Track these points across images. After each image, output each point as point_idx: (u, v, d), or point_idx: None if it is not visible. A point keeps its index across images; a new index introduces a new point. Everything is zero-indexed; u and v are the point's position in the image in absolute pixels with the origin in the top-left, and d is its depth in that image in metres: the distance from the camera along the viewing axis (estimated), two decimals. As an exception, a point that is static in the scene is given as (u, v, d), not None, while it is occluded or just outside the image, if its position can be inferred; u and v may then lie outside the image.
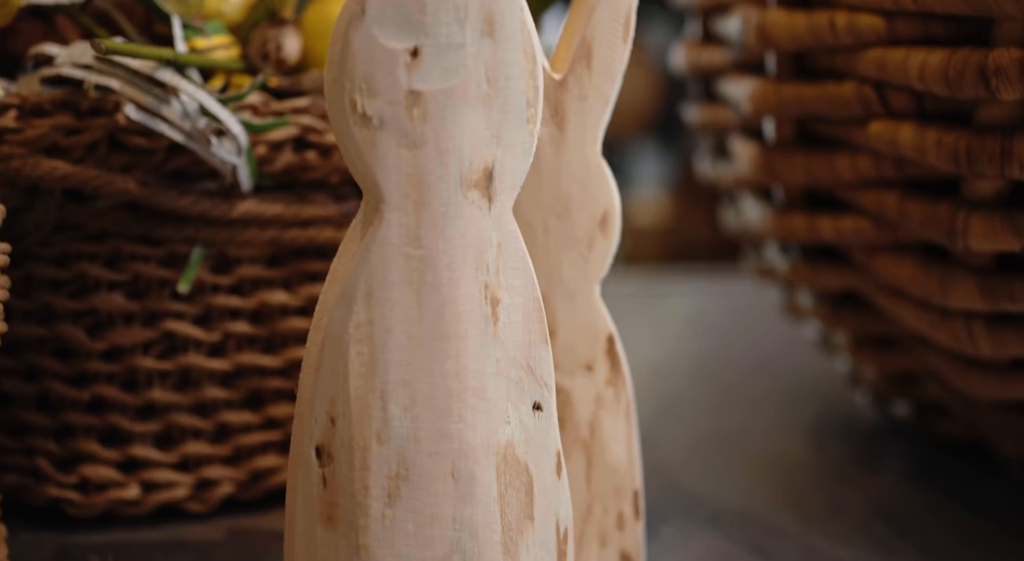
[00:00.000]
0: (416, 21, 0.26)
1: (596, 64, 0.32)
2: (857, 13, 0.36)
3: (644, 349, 0.67)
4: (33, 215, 0.34)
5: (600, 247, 0.33)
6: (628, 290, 0.86)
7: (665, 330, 0.73)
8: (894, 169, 0.37)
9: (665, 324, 0.75)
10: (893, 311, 0.40)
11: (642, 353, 0.66)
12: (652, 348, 0.67)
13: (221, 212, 0.35)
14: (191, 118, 0.33)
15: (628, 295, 0.82)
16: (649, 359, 0.64)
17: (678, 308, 0.79)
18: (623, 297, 0.81)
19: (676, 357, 0.65)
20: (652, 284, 0.91)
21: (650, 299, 0.82)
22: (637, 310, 0.78)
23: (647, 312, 0.78)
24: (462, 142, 0.27)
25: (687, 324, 0.75)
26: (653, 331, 0.72)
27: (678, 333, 0.72)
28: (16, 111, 0.34)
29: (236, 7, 0.40)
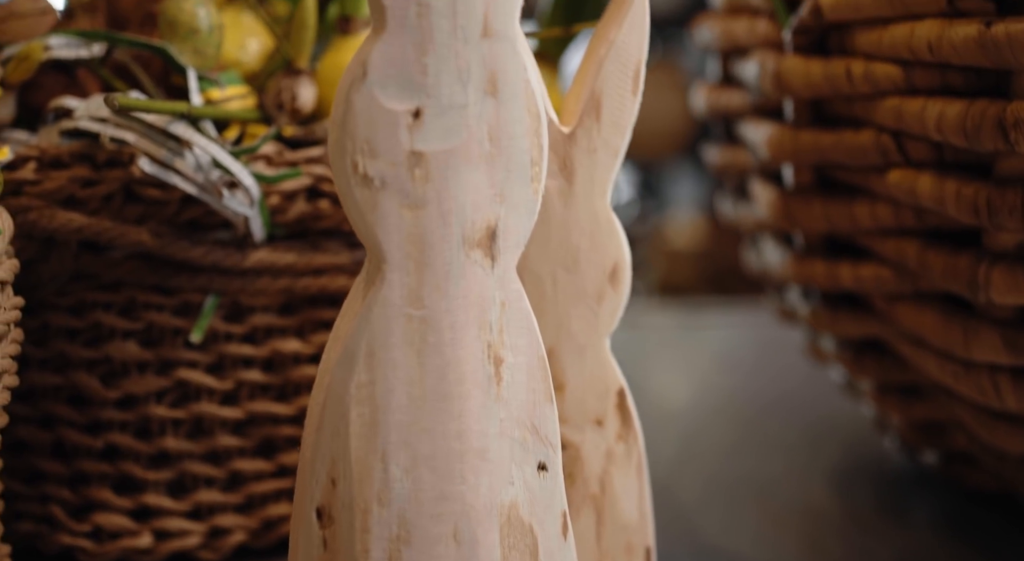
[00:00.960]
0: (418, 82, 0.26)
1: (605, 117, 0.32)
2: (874, 62, 0.35)
3: (668, 387, 0.66)
4: (49, 266, 0.34)
5: (610, 300, 0.33)
6: (657, 322, 0.85)
7: (690, 365, 0.72)
8: (914, 218, 0.36)
9: (691, 359, 0.74)
10: (916, 361, 0.39)
11: (665, 391, 0.65)
12: (676, 385, 0.66)
13: (234, 262, 0.35)
14: (204, 170, 0.33)
15: (656, 328, 0.82)
16: (672, 397, 0.63)
17: (705, 342, 0.78)
18: (652, 330, 0.81)
19: (699, 395, 0.65)
20: (682, 316, 0.90)
21: (679, 332, 0.81)
22: (665, 344, 0.77)
23: (675, 346, 0.77)
24: (464, 202, 0.27)
25: (713, 359, 0.74)
26: (678, 367, 0.71)
27: (703, 368, 0.71)
28: (35, 163, 0.34)
29: (254, 56, 0.40)
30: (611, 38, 0.31)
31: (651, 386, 0.66)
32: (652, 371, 0.70)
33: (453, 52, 0.26)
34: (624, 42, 0.31)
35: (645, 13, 0.32)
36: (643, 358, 0.72)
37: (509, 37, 0.27)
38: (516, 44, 0.27)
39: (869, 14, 0.35)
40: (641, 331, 0.80)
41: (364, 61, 0.26)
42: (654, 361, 0.73)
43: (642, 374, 0.68)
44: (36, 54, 0.35)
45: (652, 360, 0.73)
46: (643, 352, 0.74)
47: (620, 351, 0.72)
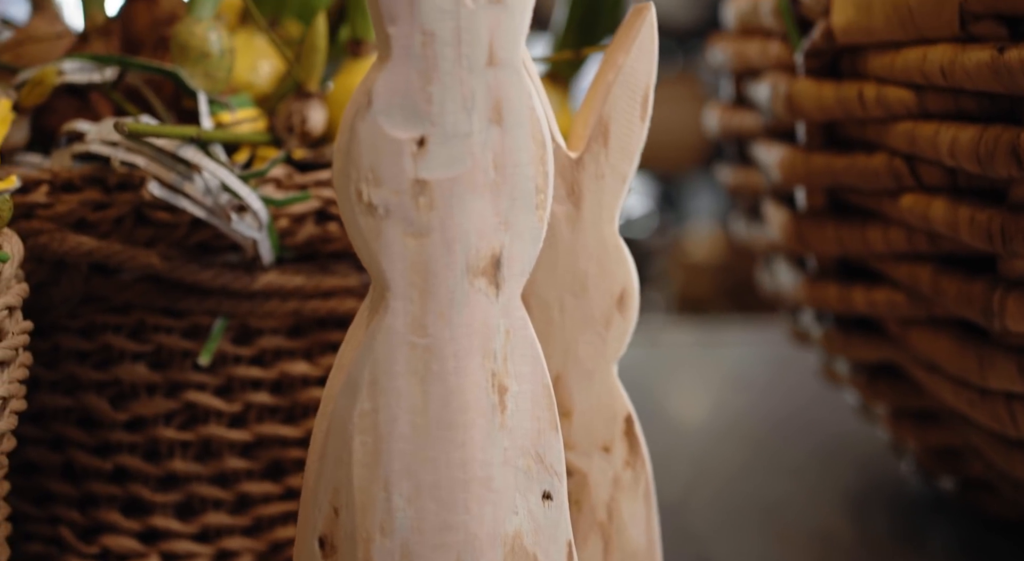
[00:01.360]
0: (422, 111, 0.26)
1: (613, 143, 0.31)
2: (886, 86, 0.35)
3: (682, 405, 0.66)
4: (60, 289, 0.34)
5: (618, 326, 0.32)
6: (674, 339, 0.84)
7: (705, 383, 0.71)
8: (928, 243, 0.36)
9: (706, 376, 0.73)
10: (931, 386, 0.38)
11: (679, 409, 0.65)
12: (690, 404, 0.66)
13: (242, 285, 0.35)
14: (213, 194, 0.34)
15: (673, 345, 0.81)
16: (686, 416, 0.63)
17: (721, 359, 0.78)
18: (669, 347, 0.80)
19: (713, 414, 0.64)
20: (699, 332, 0.89)
21: (695, 350, 0.81)
22: (681, 361, 0.77)
23: (691, 363, 0.76)
24: (469, 230, 0.27)
25: (728, 377, 0.73)
26: (693, 385, 0.71)
27: (718, 387, 0.71)
28: (47, 186, 0.35)
29: (266, 78, 0.41)
30: (619, 63, 0.31)
31: (665, 404, 0.65)
32: (667, 389, 0.70)
33: (458, 80, 0.26)
34: (632, 67, 0.31)
35: (653, 39, 0.31)
36: (659, 376, 0.72)
37: (514, 65, 0.27)
38: (521, 72, 0.27)
39: (881, 38, 0.34)
40: (658, 348, 0.79)
41: (369, 90, 0.26)
42: (669, 379, 0.73)
43: (657, 392, 0.67)
44: (50, 79, 0.36)
45: (667, 378, 0.73)
46: (659, 370, 0.73)
47: (637, 368, 0.71)
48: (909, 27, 0.33)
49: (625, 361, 0.32)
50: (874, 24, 0.34)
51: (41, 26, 0.42)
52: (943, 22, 0.32)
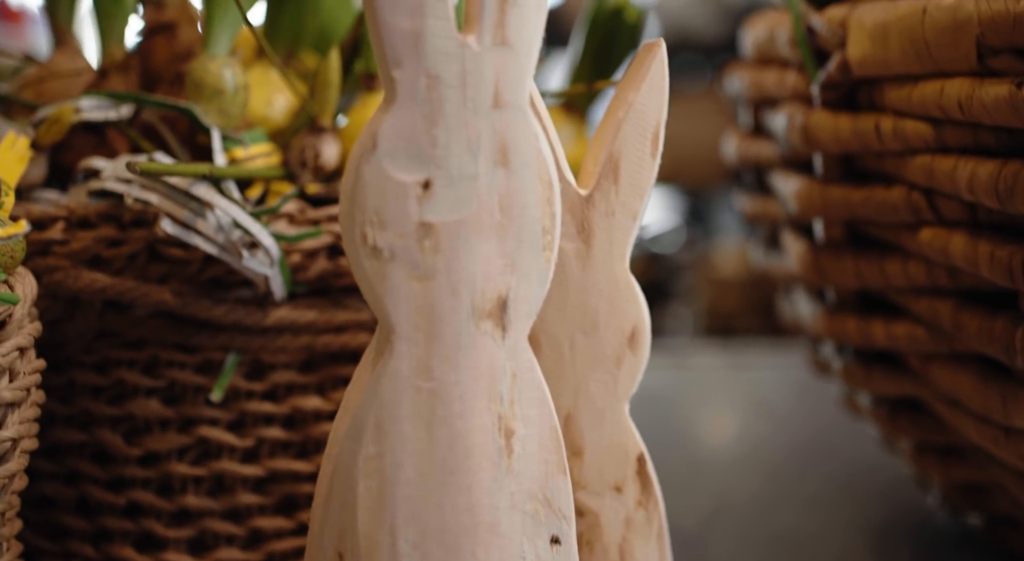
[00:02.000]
0: (427, 154, 0.26)
1: (623, 179, 0.31)
2: (903, 119, 0.34)
3: (705, 432, 0.65)
4: (74, 325, 0.35)
5: (629, 364, 0.32)
6: (700, 362, 0.84)
7: (730, 408, 0.71)
8: (948, 277, 0.35)
9: (731, 401, 0.72)
10: (954, 422, 0.38)
11: (702, 436, 0.64)
12: (712, 430, 0.65)
13: (255, 320, 0.35)
14: (225, 231, 0.34)
15: (699, 368, 0.80)
16: (707, 443, 0.62)
17: (745, 382, 0.77)
18: (694, 370, 0.79)
19: (735, 441, 0.63)
20: (727, 355, 0.88)
21: (719, 372, 0.80)
22: (706, 385, 0.76)
23: (716, 387, 0.76)
24: (475, 272, 0.26)
25: (751, 401, 0.72)
26: (717, 410, 0.70)
27: (741, 411, 0.70)
28: (64, 223, 0.35)
29: (281, 112, 0.41)
30: (629, 100, 0.31)
31: (688, 430, 0.65)
32: (690, 414, 0.69)
33: (463, 123, 0.26)
34: (643, 104, 0.31)
35: (664, 76, 0.31)
36: (683, 400, 0.71)
37: (520, 106, 0.27)
38: (528, 113, 0.27)
39: (898, 70, 0.34)
40: (684, 371, 0.79)
41: (374, 133, 0.26)
42: (693, 403, 0.72)
43: (680, 417, 0.67)
44: (67, 117, 0.36)
45: (691, 402, 0.72)
46: (684, 393, 0.73)
47: (662, 391, 0.70)
48: (926, 60, 0.33)
49: (651, 384, 0.31)
50: (890, 57, 0.34)
51: (62, 62, 0.43)
52: (960, 55, 0.31)
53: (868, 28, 0.34)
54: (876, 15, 0.34)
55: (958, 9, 0.31)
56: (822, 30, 0.37)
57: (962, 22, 0.31)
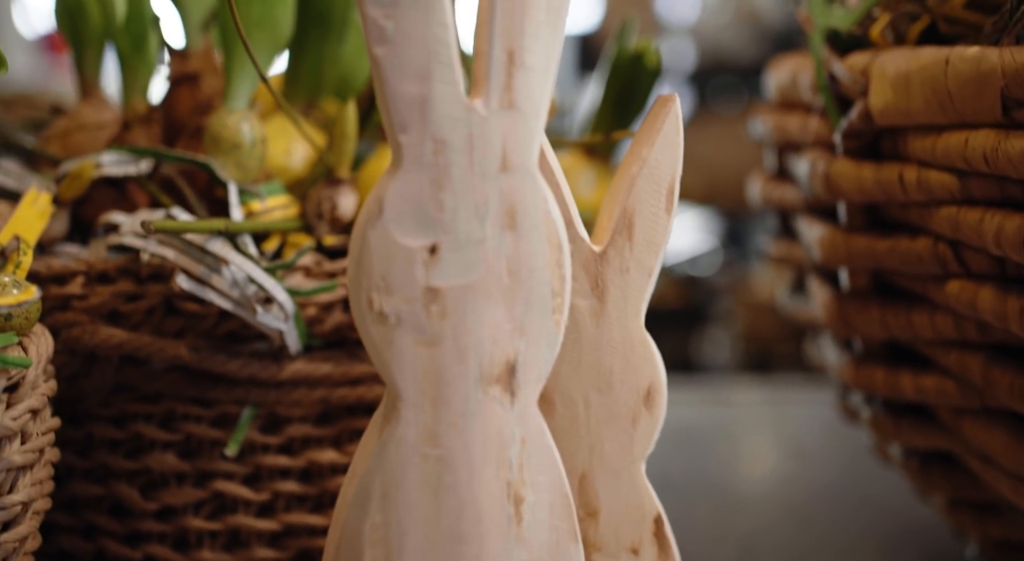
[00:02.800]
0: (434, 219, 0.26)
1: (638, 236, 0.31)
2: (928, 169, 0.33)
3: (734, 473, 0.64)
4: (91, 380, 0.35)
5: (645, 423, 0.31)
6: (735, 398, 0.82)
7: (760, 448, 0.69)
8: (977, 331, 0.34)
9: (762, 440, 0.71)
10: (987, 479, 0.36)
11: (731, 479, 0.63)
12: (742, 472, 0.63)
13: (270, 374, 0.35)
14: (239, 286, 0.34)
15: (734, 404, 0.79)
16: (737, 487, 0.61)
17: (780, 420, 0.75)
18: (729, 406, 0.78)
19: (766, 484, 0.62)
20: (758, 389, 0.87)
21: (754, 408, 0.79)
22: (739, 422, 0.74)
23: (749, 424, 0.74)
24: (483, 337, 0.26)
25: (784, 440, 0.71)
26: (747, 450, 0.69)
27: (773, 451, 0.69)
28: (83, 277, 0.35)
29: (300, 162, 0.41)
30: (643, 155, 0.31)
31: (721, 471, 0.63)
32: (723, 453, 0.68)
33: (470, 187, 0.26)
34: (657, 160, 0.31)
35: (678, 130, 0.31)
36: (716, 438, 0.70)
37: (529, 169, 0.26)
38: (536, 175, 0.26)
39: (921, 121, 0.33)
40: (719, 407, 0.77)
41: (380, 198, 0.26)
42: (727, 442, 0.71)
43: (713, 457, 0.66)
44: (88, 172, 0.36)
45: (725, 441, 0.71)
46: (718, 431, 0.71)
47: (695, 429, 0.69)
48: (950, 111, 0.32)
49: (685, 419, 0.30)
50: (913, 107, 0.33)
51: (88, 113, 0.43)
52: (984, 107, 0.30)
53: (890, 77, 0.34)
54: (898, 64, 0.34)
55: (981, 60, 0.30)
56: (844, 78, 0.36)
57: (986, 74, 0.30)
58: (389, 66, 0.25)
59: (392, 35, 0.25)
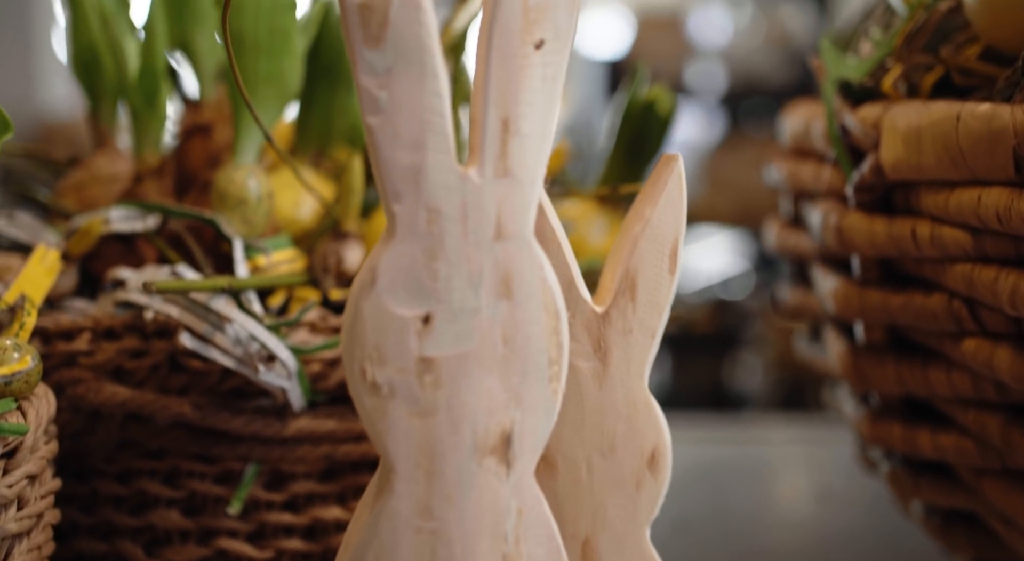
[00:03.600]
0: (428, 288, 0.25)
1: (641, 297, 0.30)
2: (941, 225, 0.32)
3: (754, 518, 0.62)
4: (95, 437, 0.35)
5: (649, 488, 0.31)
6: (764, 436, 0.81)
7: (782, 491, 0.68)
8: (995, 391, 0.33)
9: (785, 481, 0.70)
10: (1011, 541, 0.35)
11: (751, 523, 0.61)
12: (762, 517, 0.62)
13: (274, 431, 0.35)
14: (242, 344, 0.34)
15: (763, 442, 0.78)
16: (756, 533, 0.59)
17: (802, 459, 0.74)
18: (759, 444, 0.77)
19: (794, 532, 0.60)
20: (791, 426, 0.85)
21: (785, 447, 0.77)
22: (757, 462, 0.73)
23: (768, 464, 0.73)
24: (477, 408, 0.26)
25: (807, 482, 0.69)
26: (768, 493, 0.67)
27: (795, 494, 0.67)
28: (90, 334, 0.36)
29: (309, 213, 0.41)
30: (646, 215, 0.30)
31: (743, 515, 0.62)
32: (747, 496, 0.67)
33: (464, 256, 0.25)
34: (659, 220, 0.30)
35: (682, 190, 0.30)
36: (738, 480, 0.69)
37: (524, 236, 0.26)
38: (532, 243, 0.26)
39: (933, 176, 0.32)
40: (747, 446, 0.76)
41: (373, 267, 0.25)
42: (752, 483, 0.69)
43: (735, 500, 0.64)
44: (96, 228, 0.37)
45: (749, 482, 0.69)
46: (740, 472, 0.70)
47: (720, 469, 0.67)
48: (962, 167, 0.31)
49: (707, 458, 0.30)
50: (925, 162, 0.32)
51: (103, 164, 0.44)
52: (997, 165, 0.30)
53: (901, 131, 0.33)
54: (910, 118, 0.33)
55: (993, 118, 0.30)
56: (855, 130, 0.36)
57: (997, 132, 0.29)
58: (383, 135, 0.25)
59: (386, 105, 0.25)
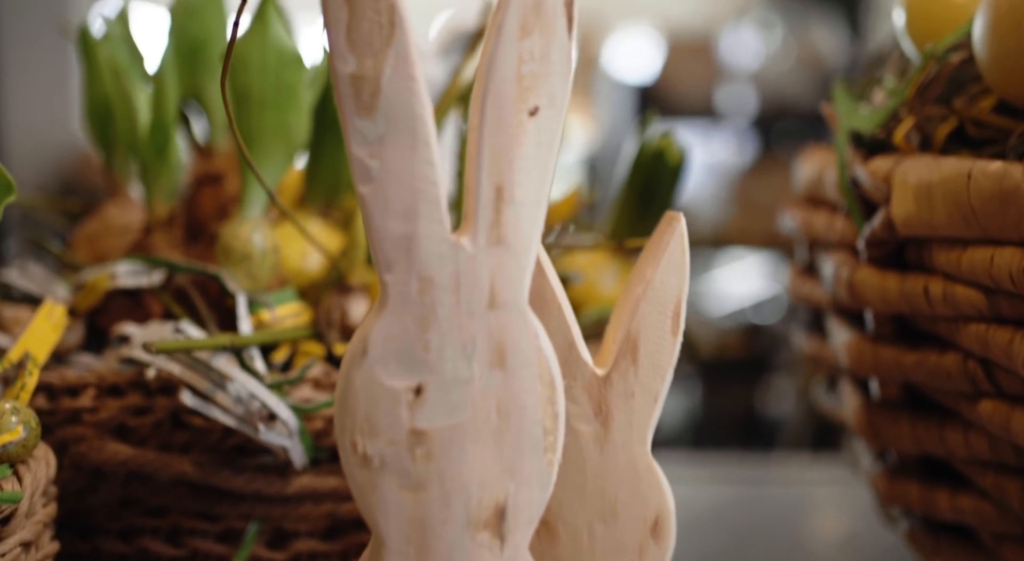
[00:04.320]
0: (420, 358, 0.25)
1: (643, 359, 0.30)
2: (954, 283, 0.32)
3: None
4: (97, 496, 0.35)
5: (653, 555, 0.30)
6: (795, 475, 0.79)
7: (801, 537, 0.66)
8: (1014, 455, 0.32)
9: (804, 528, 0.68)
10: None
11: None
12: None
13: (276, 489, 0.35)
14: (243, 403, 0.33)
15: (797, 482, 0.76)
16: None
17: (828, 501, 0.72)
18: (796, 484, 0.75)
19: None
20: (823, 468, 0.84)
21: (801, 488, 0.75)
22: (780, 504, 0.72)
23: (787, 509, 0.71)
24: (470, 481, 0.25)
25: (829, 527, 0.68)
26: (784, 541, 0.66)
27: (815, 541, 0.66)
28: (95, 390, 0.36)
29: (316, 265, 0.41)
30: (647, 276, 0.30)
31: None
32: (768, 541, 0.65)
33: (457, 326, 0.25)
34: (662, 281, 0.30)
35: (684, 251, 0.30)
36: (761, 526, 0.67)
37: (518, 305, 0.26)
38: (526, 311, 0.26)
39: (945, 233, 0.31)
40: (776, 486, 0.74)
41: (365, 338, 0.25)
42: (775, 529, 0.68)
43: (755, 546, 0.63)
44: (103, 284, 0.37)
45: (773, 528, 0.68)
46: (766, 518, 0.69)
47: (750, 513, 0.65)
48: (974, 226, 0.30)
49: (727, 499, 0.29)
50: (936, 219, 0.31)
51: (115, 214, 0.44)
52: (1009, 224, 0.29)
53: (912, 187, 0.32)
54: (920, 174, 0.32)
55: (1004, 177, 0.29)
56: (866, 183, 0.35)
57: (1009, 191, 0.28)
58: (374, 205, 0.25)
59: (377, 174, 0.24)
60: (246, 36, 0.38)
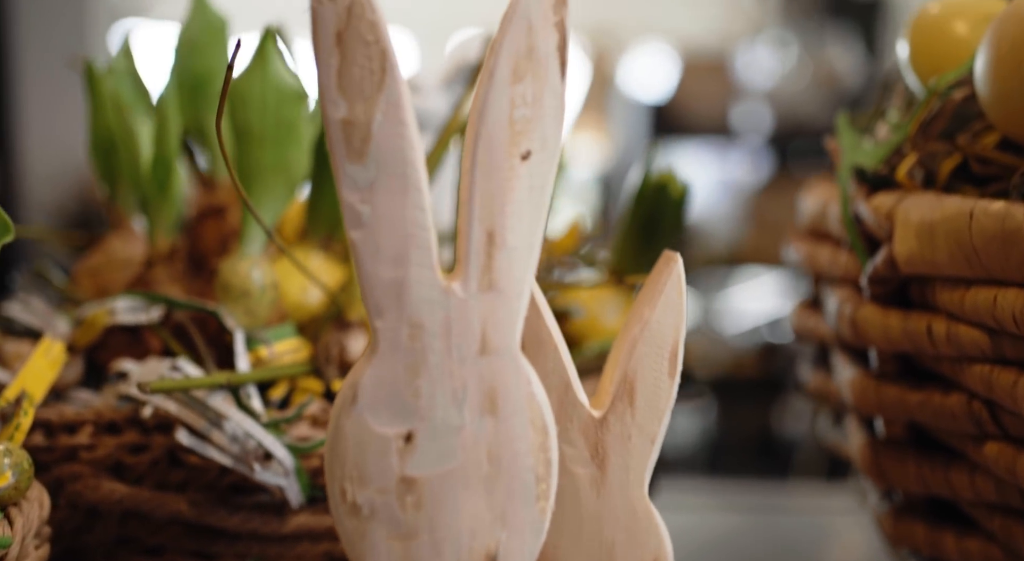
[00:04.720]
0: (410, 405, 0.25)
1: (640, 401, 0.29)
2: (957, 323, 0.31)
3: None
4: (93, 535, 0.35)
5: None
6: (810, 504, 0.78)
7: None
8: (1021, 499, 0.31)
9: (819, 556, 0.67)
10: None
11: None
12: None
13: (272, 529, 0.34)
14: (239, 442, 0.33)
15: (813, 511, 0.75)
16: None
17: (836, 533, 0.71)
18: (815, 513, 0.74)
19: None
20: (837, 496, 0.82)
21: (812, 517, 0.74)
22: (790, 537, 0.70)
23: (797, 539, 0.70)
24: (460, 529, 0.25)
25: (842, 556, 0.67)
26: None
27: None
28: (92, 427, 0.35)
29: (317, 299, 0.41)
30: (645, 317, 0.29)
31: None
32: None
33: (447, 373, 0.25)
34: (658, 322, 0.29)
35: (681, 291, 0.29)
36: (770, 558, 0.66)
37: (510, 351, 0.25)
38: (518, 357, 0.25)
39: (947, 272, 0.31)
40: (788, 515, 0.73)
41: (354, 384, 0.25)
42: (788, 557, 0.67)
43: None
44: (102, 320, 0.37)
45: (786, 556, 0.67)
46: (776, 549, 0.68)
47: (760, 543, 0.64)
48: (976, 266, 0.30)
49: (741, 530, 0.28)
50: (938, 258, 0.31)
51: (118, 247, 0.44)
52: (1012, 265, 0.28)
53: (914, 225, 0.32)
54: (923, 212, 0.32)
55: (1006, 217, 0.28)
56: (869, 220, 0.34)
57: (1011, 232, 0.28)
58: (365, 250, 0.24)
59: (368, 219, 0.24)
60: (246, 72, 0.38)
